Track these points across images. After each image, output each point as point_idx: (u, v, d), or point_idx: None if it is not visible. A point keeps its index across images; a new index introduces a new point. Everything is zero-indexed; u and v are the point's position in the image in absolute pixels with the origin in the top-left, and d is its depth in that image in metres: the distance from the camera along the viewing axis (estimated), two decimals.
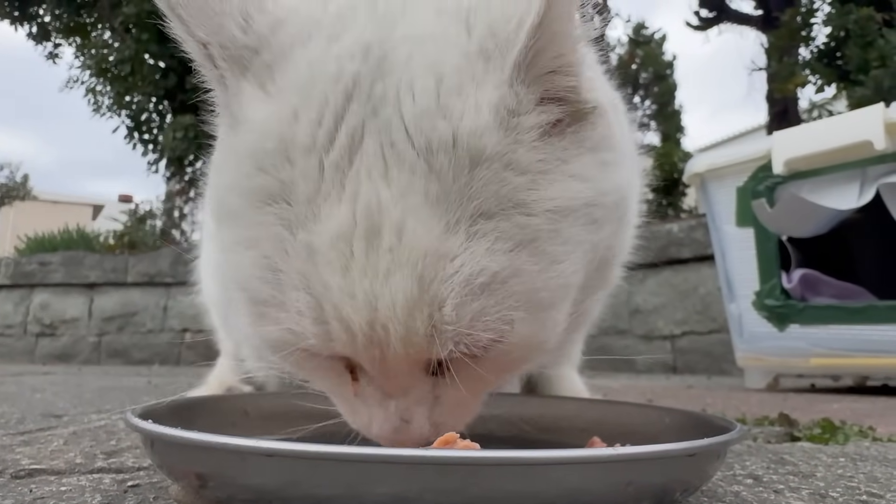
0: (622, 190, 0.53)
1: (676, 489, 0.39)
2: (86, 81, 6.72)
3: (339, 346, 0.44)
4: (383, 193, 0.41)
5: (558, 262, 0.46)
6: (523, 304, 0.44)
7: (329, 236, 0.42)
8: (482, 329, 0.43)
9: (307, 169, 0.42)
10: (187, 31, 0.45)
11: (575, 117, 0.47)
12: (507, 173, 0.43)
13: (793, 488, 0.57)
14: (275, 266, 0.44)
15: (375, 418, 0.48)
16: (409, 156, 0.41)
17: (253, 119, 0.45)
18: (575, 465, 0.32)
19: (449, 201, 0.41)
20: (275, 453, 0.32)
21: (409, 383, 0.47)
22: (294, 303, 0.44)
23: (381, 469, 0.32)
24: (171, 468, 0.40)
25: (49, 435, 0.84)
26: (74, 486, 0.53)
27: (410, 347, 0.43)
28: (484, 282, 0.42)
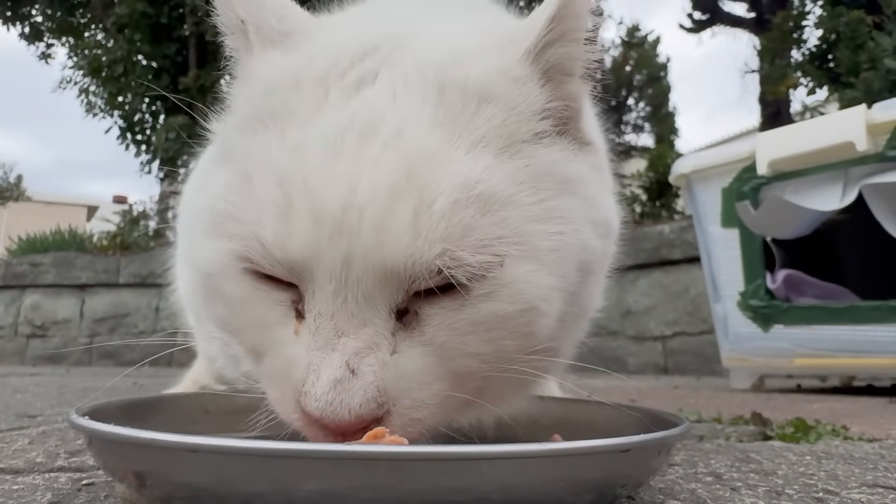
0: (612, 215, 0.54)
1: (617, 483, 0.39)
2: (79, 82, 6.71)
3: (298, 241, 0.39)
4: (387, 107, 0.43)
5: (554, 222, 0.44)
6: (517, 242, 0.42)
7: (321, 132, 0.42)
8: (472, 248, 0.39)
9: (314, 94, 0.45)
10: (230, 6, 0.51)
11: (574, 134, 0.51)
12: (510, 117, 0.45)
13: (750, 486, 0.58)
14: (249, 175, 0.43)
15: (314, 367, 0.39)
16: (421, 90, 0.44)
17: (268, 65, 0.49)
18: (504, 461, 0.32)
19: (455, 125, 0.43)
20: (199, 448, 0.32)
21: (368, 315, 0.40)
22: (258, 203, 0.41)
23: (307, 465, 0.31)
24: (110, 467, 0.40)
25: (17, 435, 0.84)
26: (28, 485, 0.53)
27: (387, 245, 0.38)
28: (481, 195, 0.40)
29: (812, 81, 5.24)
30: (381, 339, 0.40)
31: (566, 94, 0.49)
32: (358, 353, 0.39)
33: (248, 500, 0.33)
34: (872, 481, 0.61)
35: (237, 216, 0.43)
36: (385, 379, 0.39)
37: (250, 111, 0.48)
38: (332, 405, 0.38)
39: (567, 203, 0.46)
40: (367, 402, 0.38)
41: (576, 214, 0.47)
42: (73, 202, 16.93)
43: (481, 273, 0.40)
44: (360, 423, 0.39)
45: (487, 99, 0.45)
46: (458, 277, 0.39)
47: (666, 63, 10.09)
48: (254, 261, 0.42)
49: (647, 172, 5.56)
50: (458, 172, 0.41)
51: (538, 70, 0.47)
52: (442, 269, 0.39)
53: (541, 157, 0.46)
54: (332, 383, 0.38)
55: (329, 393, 0.38)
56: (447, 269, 0.39)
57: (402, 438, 0.36)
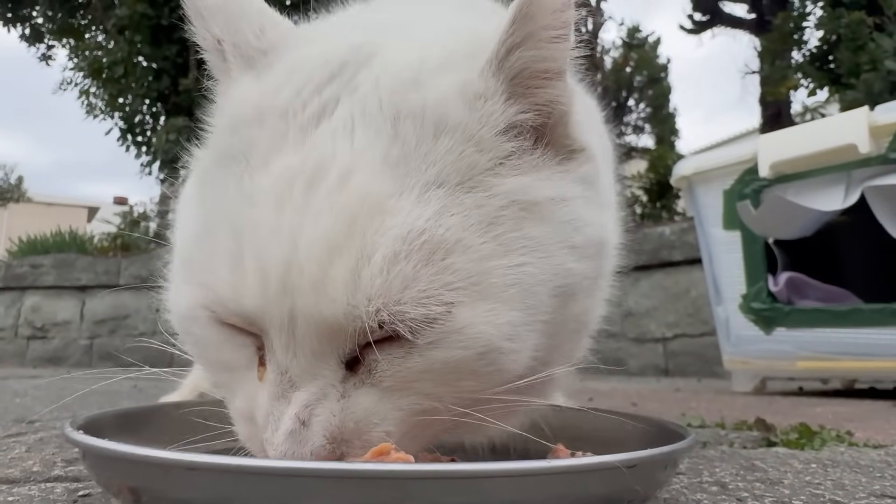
0: (604, 232, 0.50)
1: (623, 498, 0.38)
2: (79, 83, 6.70)
3: (249, 295, 0.40)
4: (341, 147, 0.42)
5: (515, 254, 0.42)
6: (468, 286, 0.40)
7: (273, 179, 0.42)
8: (413, 301, 0.38)
9: (274, 129, 0.44)
10: (206, 27, 0.50)
11: (559, 143, 0.48)
12: (468, 148, 0.43)
13: (756, 496, 0.57)
14: (210, 223, 0.44)
15: (273, 417, 0.41)
16: (377, 121, 0.43)
17: (238, 95, 0.48)
18: (507, 479, 0.32)
19: (408, 166, 0.42)
20: (196, 466, 0.31)
21: (318, 369, 0.41)
22: (216, 253, 0.42)
23: (307, 483, 0.31)
24: (107, 482, 0.39)
25: (14, 442, 0.83)
26: (23, 496, 0.52)
27: (326, 303, 0.38)
28: (425, 244, 0.39)
29: (812, 83, 5.23)
30: (330, 388, 0.41)
31: (542, 100, 0.46)
32: (307, 405, 0.40)
33: None
34: (880, 491, 0.60)
35: (200, 265, 0.45)
36: (332, 426, 0.40)
37: (220, 147, 0.48)
38: (286, 455, 0.39)
39: (533, 231, 0.44)
40: (318, 451, 0.40)
41: (544, 242, 0.44)
42: (74, 203, 16.94)
43: (426, 325, 0.39)
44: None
45: (444, 129, 0.43)
46: (401, 331, 0.39)
47: (666, 64, 10.08)
48: (214, 311, 0.43)
49: (648, 174, 5.55)
50: (402, 223, 0.39)
51: (502, 80, 0.44)
52: (383, 324, 0.39)
53: (503, 187, 0.43)
54: (285, 435, 0.40)
55: (284, 443, 0.40)
56: (388, 324, 0.39)
57: (408, 456, 0.35)
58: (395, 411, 0.42)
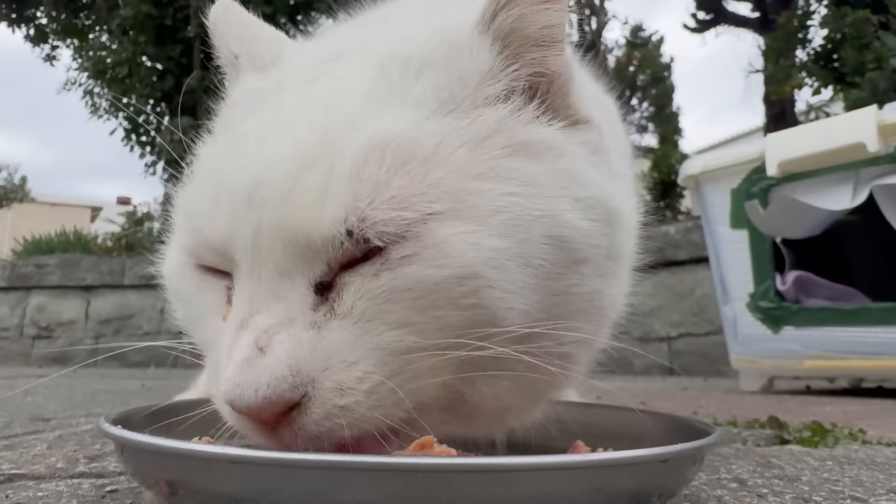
0: (614, 196, 0.47)
1: (653, 494, 0.39)
2: (83, 83, 6.72)
3: (220, 220, 0.39)
4: (328, 89, 0.44)
5: (505, 183, 0.40)
6: (446, 199, 0.38)
7: (258, 123, 0.44)
8: (384, 206, 0.36)
9: (269, 95, 0.47)
10: (225, 44, 0.55)
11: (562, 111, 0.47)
12: (451, 81, 0.43)
13: (777, 492, 0.57)
14: (201, 174, 0.45)
15: (228, 349, 0.36)
16: (364, 72, 0.44)
17: (240, 85, 0.52)
18: (544, 472, 0.32)
19: (387, 94, 0.42)
20: (239, 460, 0.31)
21: (282, 290, 0.37)
22: (198, 197, 0.43)
23: (346, 476, 0.31)
24: (143, 475, 0.39)
25: (34, 439, 0.84)
26: (52, 492, 0.53)
27: (292, 211, 0.36)
28: (398, 149, 0.38)
29: (817, 81, 5.22)
30: (297, 313, 0.37)
31: (532, 62, 0.46)
32: (267, 329, 0.36)
33: None
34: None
35: (185, 212, 0.46)
36: (299, 357, 0.35)
37: (218, 126, 0.52)
38: (238, 387, 0.34)
39: (527, 167, 0.42)
40: (277, 382, 0.34)
41: (539, 181, 0.41)
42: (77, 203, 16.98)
43: (399, 233, 0.36)
44: (274, 407, 0.35)
45: (427, 66, 0.43)
46: (372, 239, 0.36)
47: (670, 63, 10.07)
48: (194, 252, 0.43)
49: (651, 173, 5.55)
50: (375, 129, 0.38)
51: (490, 37, 0.45)
52: (352, 230, 0.36)
53: (488, 118, 0.42)
54: (239, 364, 0.35)
55: (236, 374, 0.35)
56: (357, 230, 0.36)
57: (450, 449, 0.36)
58: (374, 350, 0.37)
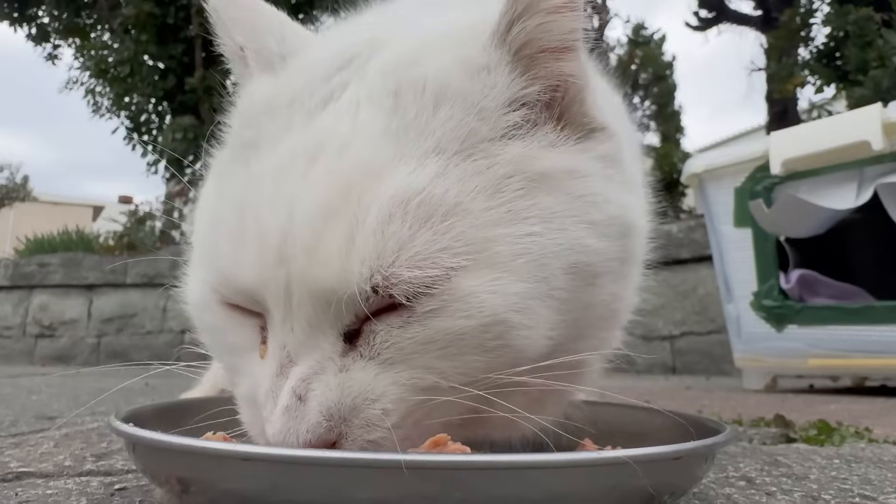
0: (628, 213, 0.48)
1: (664, 492, 0.38)
2: (85, 82, 6.73)
3: (247, 267, 0.40)
4: (343, 123, 0.43)
5: (524, 223, 0.40)
6: (470, 252, 0.38)
7: (277, 157, 0.43)
8: (409, 263, 0.37)
9: (283, 119, 0.45)
10: (230, 35, 0.53)
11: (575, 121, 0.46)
12: (469, 116, 0.42)
13: (785, 490, 0.57)
14: (220, 207, 0.45)
15: (273, 394, 0.39)
16: (380, 97, 0.43)
17: (253, 90, 0.50)
18: (557, 469, 0.32)
19: (406, 136, 0.41)
20: (251, 457, 0.31)
21: (315, 341, 0.39)
22: (223, 233, 0.43)
23: (359, 473, 0.31)
24: (154, 473, 0.39)
25: (41, 437, 0.84)
26: (61, 490, 0.53)
27: (319, 268, 0.37)
28: (421, 205, 0.38)
29: (819, 79, 5.22)
30: (328, 362, 0.39)
31: (550, 74, 0.45)
32: (304, 379, 0.39)
33: None
34: None
35: (210, 249, 0.45)
36: (329, 401, 0.38)
37: (234, 141, 0.50)
38: (282, 433, 0.38)
39: (545, 201, 0.42)
40: (314, 428, 0.38)
41: (557, 214, 0.42)
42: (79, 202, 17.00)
43: (423, 289, 0.37)
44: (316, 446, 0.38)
45: (444, 99, 0.42)
46: (397, 297, 0.37)
47: (672, 61, 10.05)
48: (220, 291, 0.44)
49: (653, 171, 5.55)
50: (397, 185, 0.39)
51: (506, 53, 0.43)
52: (377, 288, 0.37)
53: (507, 155, 0.42)
54: (283, 411, 0.38)
55: (280, 421, 0.38)
56: (383, 288, 0.37)
57: (464, 447, 0.36)
58: (392, 387, 0.39)
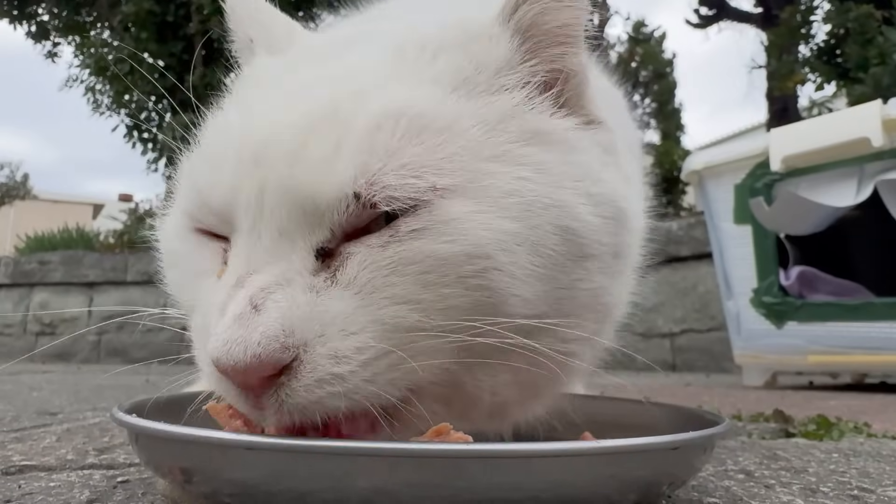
0: (624, 198, 0.47)
1: (663, 482, 0.39)
2: (85, 80, 6.72)
3: (224, 180, 0.38)
4: (342, 65, 0.44)
5: (520, 167, 0.40)
6: (461, 174, 0.37)
7: (271, 90, 0.43)
8: (395, 173, 0.35)
9: (283, 70, 0.47)
10: (242, 29, 0.56)
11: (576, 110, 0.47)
12: (468, 65, 0.43)
13: (784, 483, 0.57)
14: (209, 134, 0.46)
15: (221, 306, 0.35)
16: (380, 53, 0.44)
17: (254, 62, 0.53)
18: (557, 458, 0.32)
19: (405, 70, 0.42)
20: (254, 446, 0.32)
21: (282, 250, 0.36)
22: (204, 158, 0.43)
23: (362, 462, 0.31)
24: (157, 463, 0.40)
25: (43, 432, 0.84)
26: (64, 482, 0.53)
27: (300, 171, 0.36)
28: (413, 119, 0.37)
29: (820, 77, 5.21)
30: (295, 274, 0.36)
31: (549, 57, 0.46)
32: (264, 288, 0.35)
33: (300, 497, 0.33)
34: None
35: (188, 176, 0.46)
36: (293, 317, 0.34)
37: (233, 95, 0.52)
38: (227, 343, 0.33)
39: (540, 155, 0.41)
40: (268, 341, 0.33)
41: (553, 170, 0.41)
42: (79, 200, 17.00)
43: (409, 201, 0.36)
44: (262, 368, 0.33)
45: (445, 49, 0.44)
46: (379, 204, 0.35)
47: (672, 59, 10.04)
48: (194, 215, 0.43)
49: (654, 169, 5.55)
50: (391, 97, 0.38)
51: (511, 29, 0.45)
52: (360, 193, 0.35)
53: (504, 103, 0.42)
54: (231, 319, 0.34)
55: (226, 331, 0.34)
56: (366, 195, 0.35)
57: (466, 436, 0.36)
58: (375, 323, 0.36)
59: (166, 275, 0.50)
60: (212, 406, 0.41)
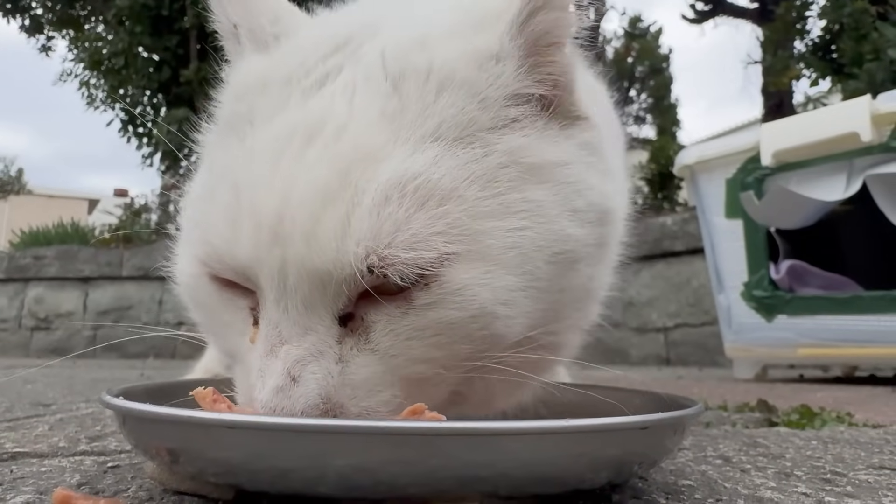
0: (608, 197, 0.49)
1: (634, 462, 0.40)
2: (79, 75, 6.69)
3: (242, 246, 0.40)
4: (340, 105, 0.43)
5: (515, 217, 0.41)
6: (463, 239, 0.39)
7: (272, 135, 0.43)
8: (404, 245, 0.38)
9: (278, 96, 0.46)
10: (224, 13, 0.54)
11: (563, 110, 0.48)
12: (471, 105, 0.43)
13: (759, 468, 0.59)
14: (213, 182, 0.45)
15: (262, 374, 0.39)
16: (379, 81, 0.43)
17: (245, 67, 0.51)
18: (527, 436, 0.34)
19: (404, 119, 0.42)
20: (236, 425, 0.33)
21: (310, 322, 0.40)
22: (215, 209, 0.43)
23: (340, 440, 0.33)
24: (144, 445, 0.41)
25: (36, 422, 0.85)
26: (55, 468, 0.54)
27: (315, 249, 0.38)
28: (418, 189, 0.38)
29: (815, 72, 5.22)
30: (326, 346, 0.40)
31: (553, 68, 0.46)
32: (299, 360, 0.39)
33: (282, 475, 0.34)
34: (879, 463, 0.62)
35: (201, 223, 0.45)
36: (329, 387, 0.39)
37: (225, 116, 0.50)
38: (275, 412, 0.38)
39: (534, 194, 0.43)
40: (310, 410, 0.38)
41: (546, 205, 0.43)
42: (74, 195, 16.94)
43: (417, 271, 0.38)
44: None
45: (449, 85, 0.43)
46: (392, 277, 0.38)
47: (668, 54, 10.05)
48: (212, 266, 0.44)
49: (649, 164, 5.56)
50: (394, 169, 0.39)
51: (521, 44, 0.44)
52: (373, 269, 0.38)
53: (503, 146, 0.43)
54: (273, 391, 0.38)
55: (271, 400, 0.38)
56: (378, 269, 0.38)
57: (440, 416, 0.37)
58: (396, 379, 0.41)
59: (194, 314, 0.51)
60: (197, 392, 0.42)
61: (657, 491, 0.47)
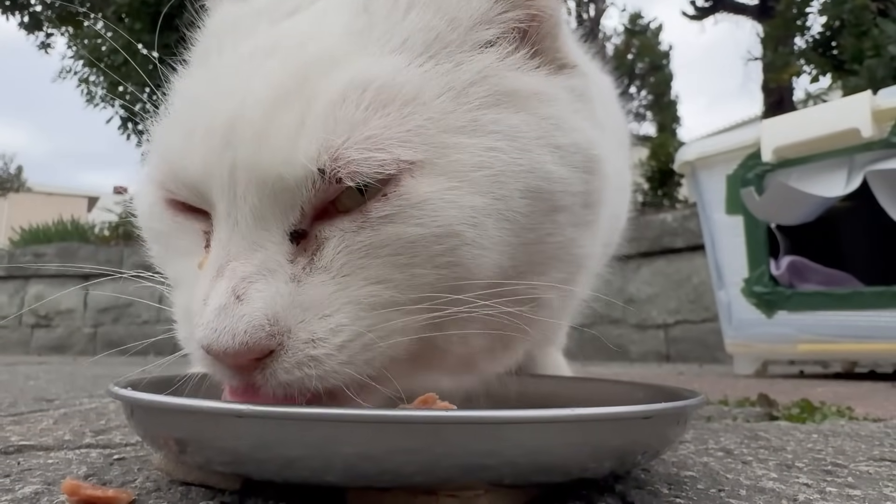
0: (595, 147, 0.46)
1: (637, 451, 0.40)
2: (79, 72, 6.68)
3: (195, 157, 0.38)
4: (308, 25, 0.42)
5: (487, 137, 0.39)
6: (427, 149, 0.37)
7: (237, 56, 0.42)
8: (359, 146, 0.35)
9: (248, 25, 0.45)
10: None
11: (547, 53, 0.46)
12: (440, 23, 0.42)
13: (761, 460, 0.59)
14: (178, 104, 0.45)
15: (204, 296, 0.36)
16: (351, 4, 0.43)
17: (220, 10, 0.51)
18: (531, 425, 0.34)
19: (372, 35, 0.41)
20: (243, 414, 0.33)
21: (259, 238, 0.37)
22: (172, 125, 0.42)
23: (346, 429, 0.33)
24: (152, 435, 0.41)
25: (40, 416, 0.85)
26: (62, 460, 0.55)
27: (266, 151, 0.36)
28: (379, 91, 0.37)
29: (815, 69, 5.22)
30: (276, 265, 0.37)
31: (530, 2, 0.45)
32: (246, 278, 0.36)
33: (288, 464, 0.35)
34: (879, 455, 0.62)
35: (158, 143, 0.44)
36: (277, 307, 0.36)
37: (196, 53, 0.50)
38: (216, 332, 0.35)
39: (509, 119, 0.41)
40: (254, 330, 0.35)
41: (522, 132, 0.41)
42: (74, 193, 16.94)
43: (375, 175, 0.36)
44: (250, 353, 0.35)
45: (418, 3, 0.42)
46: (344, 179, 0.35)
47: (668, 51, 10.03)
48: (167, 187, 0.42)
49: (649, 161, 5.55)
50: (356, 71, 0.37)
51: None
52: (324, 169, 0.35)
53: (475, 65, 0.41)
54: (216, 310, 0.35)
55: (213, 320, 0.35)
56: (330, 170, 0.35)
57: (451, 405, 0.37)
58: (350, 304, 0.37)
59: (150, 248, 0.51)
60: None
61: (660, 481, 0.47)
